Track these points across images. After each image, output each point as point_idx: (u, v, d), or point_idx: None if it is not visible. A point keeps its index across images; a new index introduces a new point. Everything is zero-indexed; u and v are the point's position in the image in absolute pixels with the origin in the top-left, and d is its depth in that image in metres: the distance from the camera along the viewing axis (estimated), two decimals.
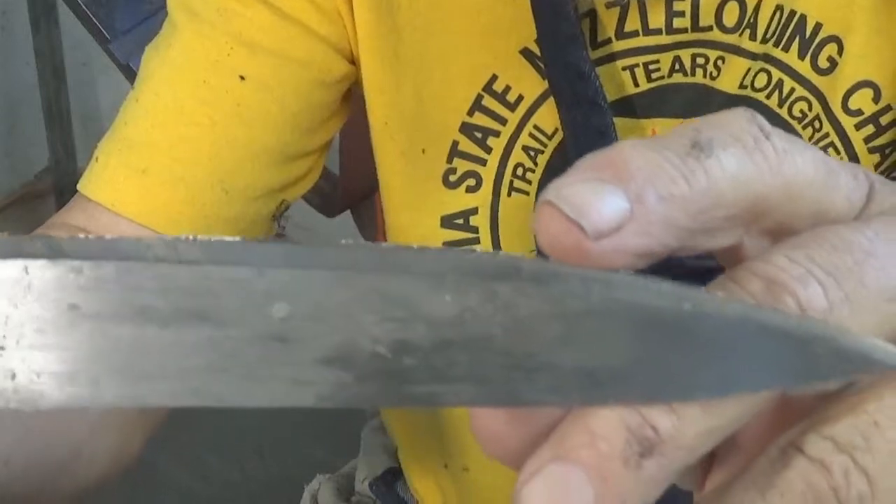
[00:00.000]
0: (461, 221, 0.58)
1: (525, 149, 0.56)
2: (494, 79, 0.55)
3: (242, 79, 0.56)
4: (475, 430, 0.24)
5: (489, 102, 0.55)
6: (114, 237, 0.21)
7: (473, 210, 0.57)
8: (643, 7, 0.52)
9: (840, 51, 0.51)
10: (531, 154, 0.56)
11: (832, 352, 0.22)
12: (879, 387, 0.22)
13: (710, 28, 0.52)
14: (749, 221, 0.24)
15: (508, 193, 0.57)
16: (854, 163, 0.38)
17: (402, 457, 0.77)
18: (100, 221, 0.56)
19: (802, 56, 0.52)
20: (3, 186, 2.04)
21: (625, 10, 0.52)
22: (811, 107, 0.52)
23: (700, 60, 0.53)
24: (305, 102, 0.58)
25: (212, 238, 0.21)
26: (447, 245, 0.58)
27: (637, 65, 0.53)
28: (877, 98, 0.52)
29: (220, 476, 1.60)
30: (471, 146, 0.56)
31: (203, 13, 0.57)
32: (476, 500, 0.68)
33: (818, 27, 0.51)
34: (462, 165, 0.57)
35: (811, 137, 0.53)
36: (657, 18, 0.52)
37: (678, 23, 0.52)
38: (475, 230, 0.58)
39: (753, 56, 0.53)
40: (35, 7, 1.83)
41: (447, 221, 0.58)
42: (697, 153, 0.23)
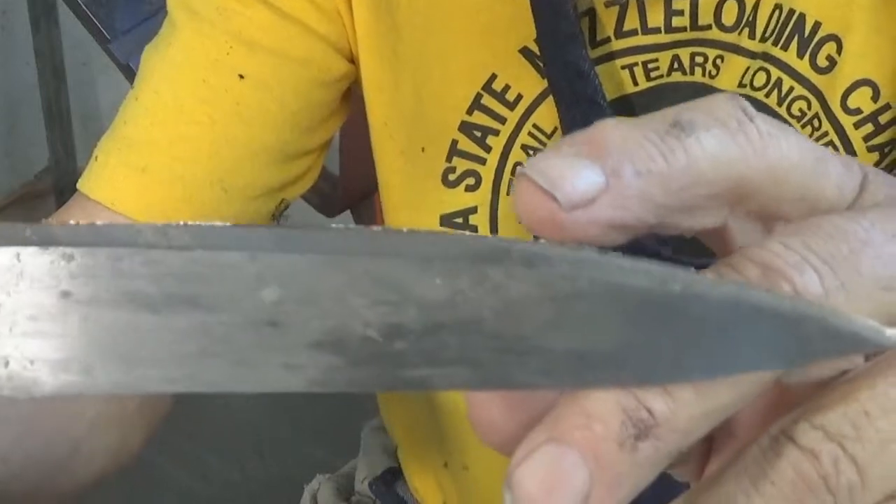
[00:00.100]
0: (460, 220, 0.58)
1: (524, 148, 0.56)
2: (494, 78, 0.55)
3: (242, 78, 0.56)
4: (471, 419, 0.24)
5: (488, 101, 0.55)
6: (105, 224, 0.21)
7: (473, 209, 0.57)
8: (642, 6, 0.52)
9: (839, 49, 0.51)
10: (530, 153, 0.56)
11: (823, 332, 0.22)
12: (871, 376, 0.23)
13: (709, 27, 0.52)
14: (733, 203, 0.24)
15: (508, 192, 0.57)
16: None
17: (402, 456, 0.77)
18: (99, 220, 0.56)
19: (801, 55, 0.52)
20: (3, 186, 2.04)
21: (624, 9, 0.52)
22: (810, 105, 0.52)
23: (699, 59, 0.53)
24: (305, 101, 0.58)
25: (202, 223, 0.21)
26: None
27: (636, 64, 0.53)
28: (876, 97, 0.52)
29: (220, 476, 1.61)
30: (470, 145, 0.56)
31: (203, 12, 0.57)
32: (476, 499, 0.68)
33: (817, 26, 0.51)
34: (461, 164, 0.57)
35: (810, 136, 0.53)
36: (656, 17, 0.52)
37: (677, 21, 0.52)
38: (474, 229, 0.58)
39: (752, 55, 0.53)
40: (35, 7, 1.83)
41: (446, 220, 0.58)
42: (678, 132, 0.23)
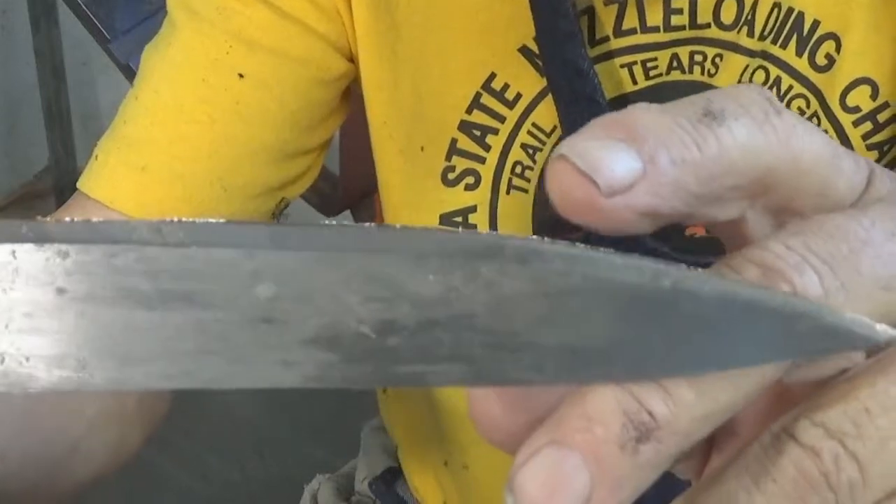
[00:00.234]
0: (460, 219, 0.58)
1: (524, 147, 0.56)
2: (493, 77, 0.55)
3: (241, 77, 0.56)
4: (473, 416, 0.24)
5: (488, 100, 0.55)
6: (100, 220, 0.21)
7: (472, 208, 0.57)
8: (641, 5, 0.52)
9: (838, 48, 0.51)
10: (530, 152, 0.56)
11: (815, 328, 0.22)
12: (872, 374, 0.23)
13: (708, 25, 0.52)
14: (755, 194, 0.25)
15: (507, 191, 0.57)
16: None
17: (402, 455, 0.77)
18: (98, 218, 0.56)
19: (800, 53, 0.52)
20: (3, 186, 2.04)
21: (623, 8, 0.52)
22: (809, 104, 0.53)
23: (698, 58, 0.53)
24: (304, 100, 0.58)
25: (197, 220, 0.21)
26: None
27: (635, 62, 0.53)
28: (875, 95, 0.52)
29: (220, 476, 1.60)
30: (469, 144, 0.56)
31: (202, 12, 0.57)
32: (476, 498, 0.68)
33: (816, 24, 0.51)
34: (461, 163, 0.57)
35: None
36: (655, 16, 0.52)
37: (676, 20, 0.52)
38: (474, 228, 0.58)
39: (751, 53, 0.53)
40: (35, 7, 1.83)
41: (446, 219, 0.58)
42: (709, 121, 0.23)
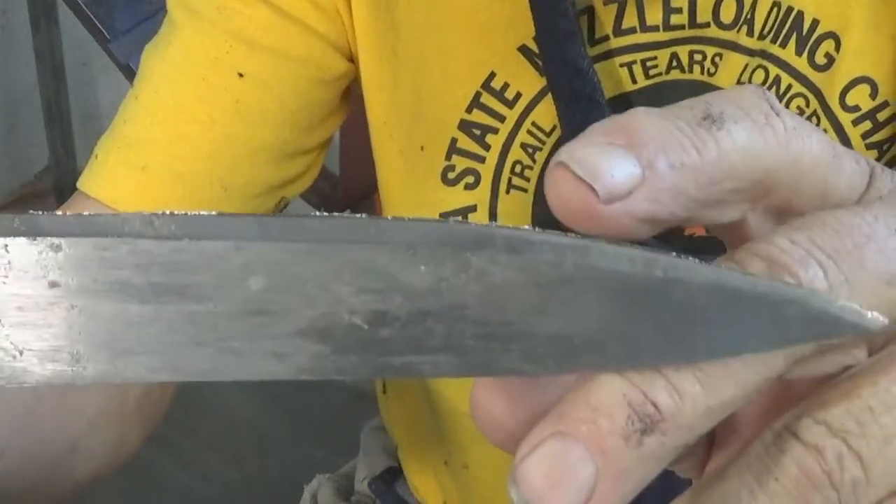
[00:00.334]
0: (460, 219, 0.58)
1: (523, 146, 0.56)
2: (493, 76, 0.55)
3: (241, 76, 0.56)
4: (475, 416, 0.24)
5: (487, 100, 0.55)
6: (92, 214, 0.21)
7: (472, 207, 0.58)
8: (640, 4, 0.52)
9: (837, 47, 0.51)
10: (529, 151, 0.56)
11: (804, 315, 0.22)
12: (874, 372, 0.23)
13: (708, 24, 0.52)
14: (756, 197, 0.25)
15: (507, 191, 0.57)
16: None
17: (402, 455, 0.77)
18: None
19: (800, 52, 0.52)
20: (3, 186, 2.04)
21: (622, 7, 0.52)
22: (808, 103, 0.53)
23: (697, 57, 0.53)
24: (304, 100, 0.58)
25: (188, 213, 0.21)
26: None
27: (634, 62, 0.53)
28: (874, 94, 0.52)
29: (220, 476, 1.60)
30: (469, 143, 0.56)
31: (202, 11, 0.57)
32: (476, 498, 0.68)
33: (815, 23, 0.51)
34: (461, 163, 0.57)
35: None
36: (654, 15, 0.52)
37: (675, 19, 0.52)
38: None
39: (751, 52, 0.53)
40: (35, 7, 1.83)
41: (446, 219, 0.58)
42: (709, 125, 0.23)
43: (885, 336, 0.24)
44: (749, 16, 0.52)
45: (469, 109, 0.56)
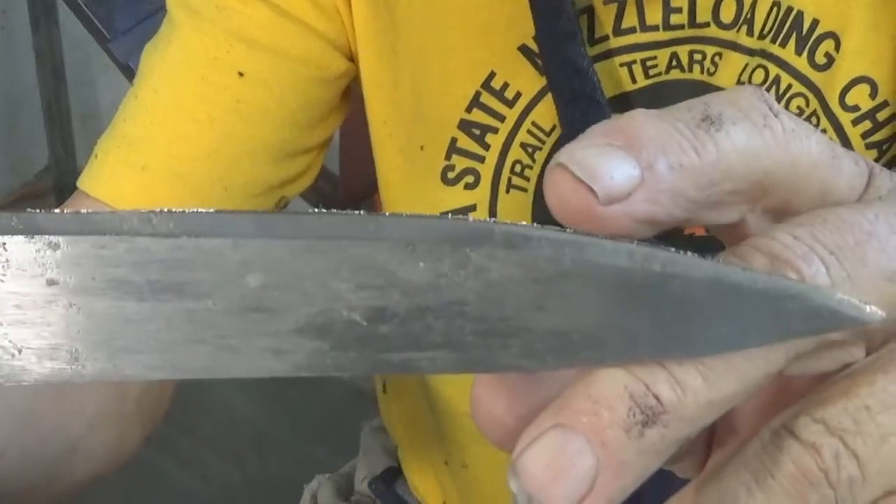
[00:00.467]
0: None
1: (523, 146, 0.56)
2: (493, 76, 0.55)
3: (241, 76, 0.56)
4: (475, 416, 0.24)
5: (487, 99, 0.55)
6: (90, 212, 0.21)
7: (472, 207, 0.57)
8: (640, 4, 0.52)
9: (837, 47, 0.51)
10: (529, 151, 0.56)
11: (803, 309, 0.22)
12: (872, 371, 0.23)
13: (708, 24, 0.52)
14: (755, 198, 0.25)
15: (507, 190, 0.57)
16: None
17: (402, 455, 0.77)
18: None
19: (800, 52, 0.52)
20: (3, 186, 2.04)
21: (622, 7, 0.52)
22: (808, 103, 0.53)
23: (697, 57, 0.53)
24: (304, 99, 0.58)
25: (186, 210, 0.21)
26: None
27: (634, 61, 0.53)
28: (874, 94, 0.52)
29: (220, 476, 1.60)
30: (469, 143, 0.56)
31: (202, 10, 0.57)
32: (476, 497, 0.68)
33: (815, 23, 0.51)
34: (460, 162, 0.57)
35: None
36: (654, 15, 0.52)
37: (675, 19, 0.52)
38: None
39: (751, 52, 0.53)
40: (35, 7, 1.83)
41: None
42: (708, 126, 0.23)
43: (884, 335, 0.24)
44: (749, 15, 0.52)
45: (469, 109, 0.56)
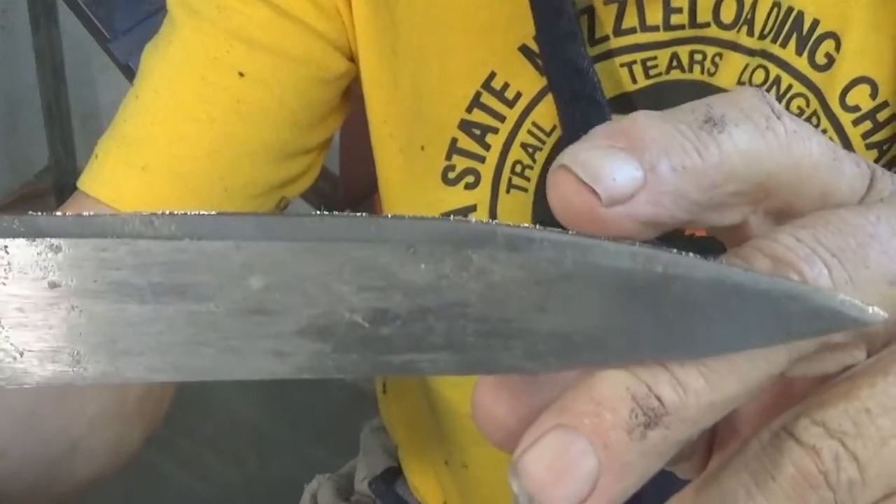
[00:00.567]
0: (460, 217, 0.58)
1: (524, 146, 0.56)
2: (493, 76, 0.55)
3: (241, 76, 0.56)
4: (476, 418, 0.24)
5: (488, 99, 0.55)
6: (92, 214, 0.21)
7: (472, 207, 0.57)
8: (641, 4, 0.52)
9: (837, 47, 0.51)
10: (530, 151, 0.56)
11: (805, 310, 0.22)
12: (872, 373, 0.23)
13: (708, 24, 0.52)
14: (757, 200, 0.25)
15: (507, 190, 0.57)
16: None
17: (403, 455, 0.77)
18: None
19: (800, 52, 0.52)
20: (3, 186, 2.04)
21: (622, 7, 0.52)
22: (809, 103, 0.52)
23: (698, 57, 0.53)
24: (304, 99, 0.58)
25: (188, 213, 0.21)
26: None
27: (635, 61, 0.53)
28: (874, 94, 0.52)
29: (220, 476, 1.61)
30: (469, 143, 0.56)
31: (202, 10, 0.57)
32: (476, 497, 0.68)
33: (815, 23, 0.51)
34: (461, 162, 0.57)
35: None
36: (655, 15, 0.52)
37: (675, 19, 0.52)
38: None
39: (751, 52, 0.53)
40: (35, 7, 1.83)
41: None
42: (710, 128, 0.23)
43: (885, 337, 0.24)
44: (749, 16, 0.52)
45: (469, 109, 0.56)
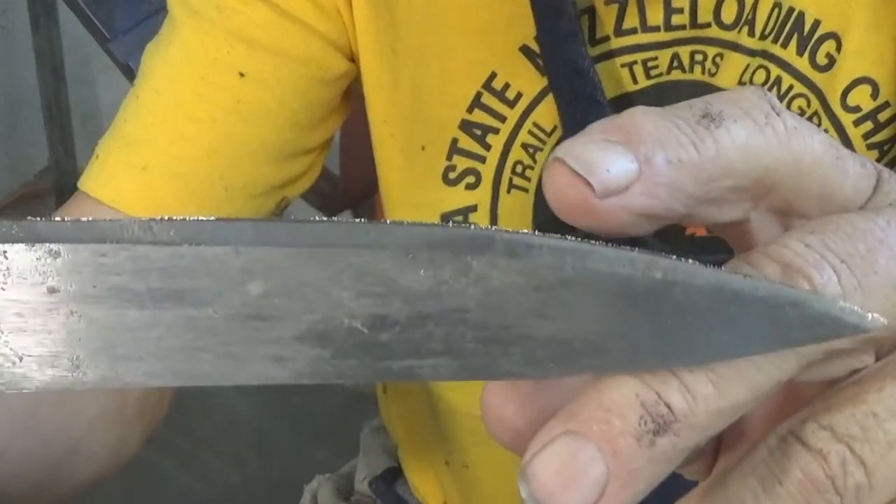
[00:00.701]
0: (461, 219, 0.58)
1: (524, 146, 0.56)
2: (494, 76, 0.55)
3: (242, 76, 0.56)
4: (485, 419, 0.24)
5: (488, 100, 0.55)
6: (91, 219, 0.21)
7: (473, 207, 0.57)
8: (641, 4, 0.52)
9: (838, 47, 0.51)
10: (530, 151, 0.56)
11: (805, 316, 0.22)
12: (880, 377, 0.23)
13: (709, 25, 0.52)
14: (757, 196, 0.25)
15: (508, 191, 0.57)
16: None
17: (403, 455, 0.77)
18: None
19: (801, 52, 0.52)
20: (3, 186, 2.04)
21: (623, 7, 0.52)
22: (810, 103, 0.52)
23: (698, 57, 0.53)
24: (305, 100, 0.58)
25: (187, 218, 0.21)
26: None
27: (636, 62, 0.53)
28: (875, 94, 0.52)
29: (220, 476, 1.61)
30: (470, 143, 0.56)
31: (203, 10, 0.57)
32: (476, 497, 0.68)
33: (816, 24, 0.51)
34: (461, 163, 0.57)
35: None
36: (655, 15, 0.52)
37: (676, 19, 0.52)
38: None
39: (752, 53, 0.53)
40: (35, 7, 1.83)
41: (446, 219, 0.58)
42: (708, 122, 0.23)
43: (893, 341, 0.24)
44: (750, 16, 0.52)
45: (470, 109, 0.56)
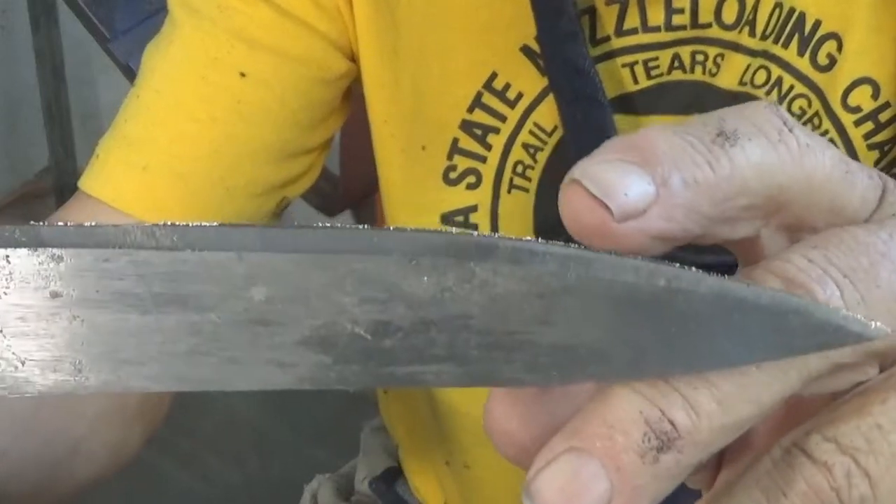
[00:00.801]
0: (461, 219, 0.58)
1: (525, 146, 0.56)
2: (494, 76, 0.55)
3: (242, 76, 0.56)
4: (488, 430, 0.24)
5: (489, 100, 0.55)
6: (93, 224, 0.21)
7: (473, 207, 0.57)
8: (642, 4, 0.52)
9: (839, 48, 0.51)
10: (531, 151, 0.56)
11: (808, 325, 0.22)
12: (884, 389, 0.23)
13: (710, 25, 0.52)
14: (769, 213, 0.25)
15: (508, 191, 0.57)
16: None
17: (403, 455, 0.77)
18: (99, 218, 0.56)
19: (802, 53, 0.52)
20: (3, 186, 2.04)
21: (624, 8, 0.52)
22: (810, 104, 0.52)
23: (699, 57, 0.53)
24: (305, 99, 0.58)
25: (189, 223, 0.21)
26: None
27: (636, 62, 0.53)
28: (876, 95, 0.52)
29: (220, 476, 1.61)
30: (471, 143, 0.56)
31: (203, 10, 0.57)
32: (477, 497, 0.68)
33: (817, 24, 0.51)
34: (462, 162, 0.57)
35: None
36: (656, 16, 0.52)
37: (677, 20, 0.52)
38: (475, 228, 0.58)
39: (753, 53, 0.53)
40: (35, 7, 1.83)
41: (447, 219, 0.58)
42: (722, 141, 0.23)
43: None
44: (751, 16, 0.52)
45: (470, 109, 0.56)
